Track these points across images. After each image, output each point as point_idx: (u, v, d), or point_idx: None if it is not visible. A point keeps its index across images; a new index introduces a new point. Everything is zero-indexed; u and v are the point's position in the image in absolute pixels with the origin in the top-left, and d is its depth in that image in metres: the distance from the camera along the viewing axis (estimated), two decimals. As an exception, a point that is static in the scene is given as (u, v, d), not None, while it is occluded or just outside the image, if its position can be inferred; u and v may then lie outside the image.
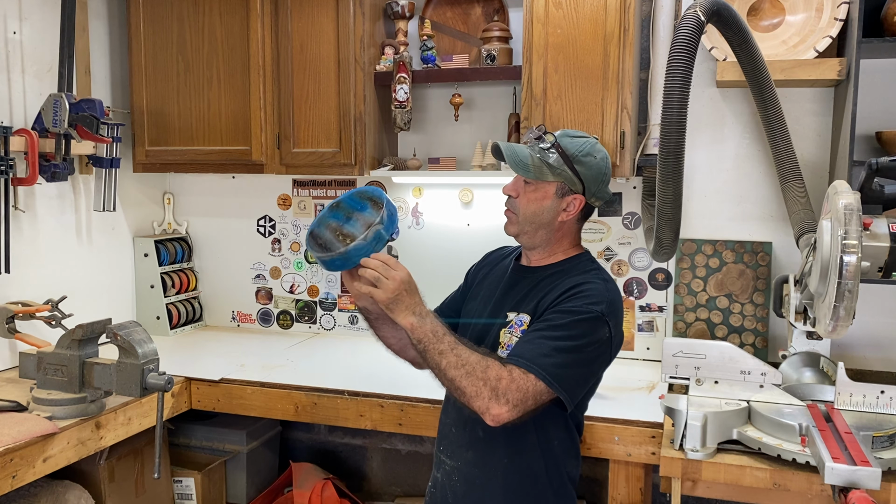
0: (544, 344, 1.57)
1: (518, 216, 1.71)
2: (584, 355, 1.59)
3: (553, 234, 1.73)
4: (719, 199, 2.71)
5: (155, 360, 2.11)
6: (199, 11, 2.89)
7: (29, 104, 2.69)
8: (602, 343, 1.61)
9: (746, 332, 2.65)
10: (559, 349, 1.56)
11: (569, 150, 1.66)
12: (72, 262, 2.90)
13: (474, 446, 1.75)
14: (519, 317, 1.71)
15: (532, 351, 1.57)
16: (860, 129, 2.37)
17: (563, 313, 1.60)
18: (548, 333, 1.59)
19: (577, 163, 1.67)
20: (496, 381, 1.52)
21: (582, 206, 1.70)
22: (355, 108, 2.74)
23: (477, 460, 1.75)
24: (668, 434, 2.01)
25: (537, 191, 1.69)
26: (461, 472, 1.78)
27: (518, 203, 1.71)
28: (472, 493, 1.76)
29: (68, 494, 2.33)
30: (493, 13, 2.85)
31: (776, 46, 2.43)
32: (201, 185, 3.37)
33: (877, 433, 1.78)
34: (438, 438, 1.88)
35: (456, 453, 1.79)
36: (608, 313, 1.61)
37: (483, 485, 1.75)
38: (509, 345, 1.67)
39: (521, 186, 1.71)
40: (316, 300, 3.27)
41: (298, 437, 3.38)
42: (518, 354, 1.57)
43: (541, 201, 1.69)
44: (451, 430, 1.82)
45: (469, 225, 3.01)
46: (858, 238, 1.56)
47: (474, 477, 1.76)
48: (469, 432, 1.75)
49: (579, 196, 1.69)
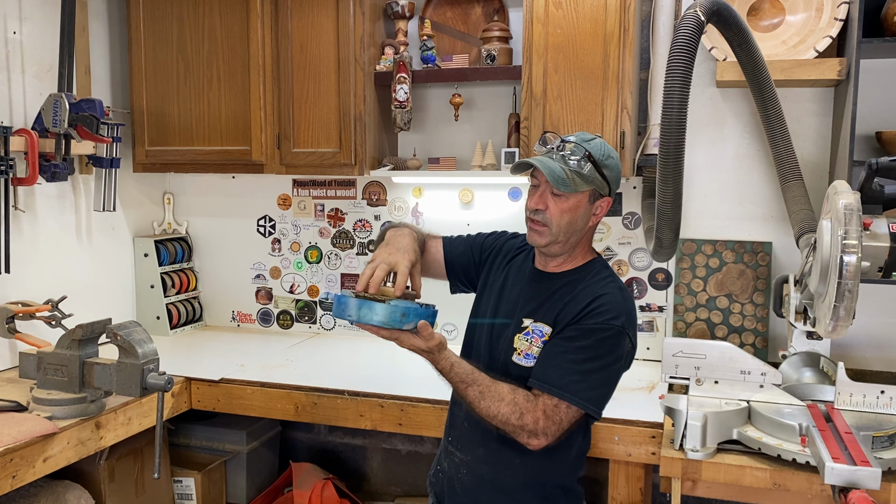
0: (572, 368, 1.63)
1: (551, 228, 1.69)
2: (610, 372, 1.67)
3: (581, 238, 1.75)
4: (719, 199, 2.71)
5: (155, 360, 2.11)
6: (199, 11, 2.89)
7: (29, 104, 2.69)
8: (625, 355, 1.68)
9: (746, 332, 2.65)
10: (587, 371, 1.63)
11: (595, 156, 1.67)
12: (72, 262, 2.90)
13: (486, 444, 1.76)
14: (537, 325, 1.72)
15: (562, 378, 1.63)
16: (860, 129, 2.37)
17: (587, 332, 1.65)
18: (574, 357, 1.64)
19: (604, 167, 1.68)
20: (534, 425, 1.61)
21: (609, 206, 1.74)
22: (355, 108, 2.74)
23: (488, 457, 1.76)
24: (668, 434, 2.01)
25: (569, 200, 1.68)
26: (469, 466, 1.79)
27: (550, 215, 1.68)
28: (480, 487, 1.77)
29: (68, 494, 2.33)
30: (493, 13, 2.85)
31: (776, 46, 2.43)
32: (201, 185, 3.37)
33: (877, 433, 1.78)
34: (448, 428, 1.88)
35: (466, 447, 1.80)
36: (627, 325, 1.67)
37: (492, 481, 1.76)
38: (527, 353, 1.71)
39: (549, 198, 1.68)
40: (316, 300, 3.27)
41: (298, 437, 3.38)
42: (549, 382, 1.63)
43: (575, 210, 1.69)
44: (463, 423, 1.82)
45: (469, 225, 3.01)
46: (858, 238, 1.56)
47: (483, 473, 1.77)
48: (482, 430, 1.74)
49: (607, 198, 1.72)
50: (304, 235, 3.26)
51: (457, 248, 1.96)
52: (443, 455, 1.89)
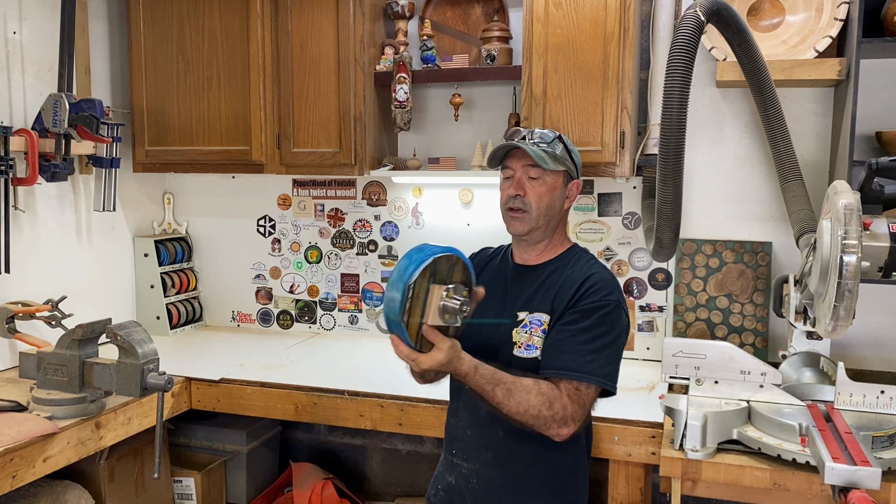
0: (582, 349, 1.65)
1: (531, 212, 1.75)
2: (616, 346, 1.71)
3: (558, 223, 1.82)
4: (719, 199, 2.71)
5: (155, 360, 2.11)
6: (198, 11, 2.89)
7: (29, 104, 2.69)
8: (624, 328, 1.73)
9: (746, 332, 2.65)
10: (597, 349, 1.66)
11: (563, 139, 1.79)
12: (72, 262, 2.90)
13: (494, 446, 1.76)
14: (534, 316, 1.73)
15: (575, 361, 1.65)
16: (860, 129, 2.37)
17: (587, 312, 1.68)
18: (581, 338, 1.66)
19: (571, 151, 1.80)
20: (563, 412, 1.62)
21: (579, 189, 1.82)
22: (355, 108, 2.74)
23: (498, 460, 1.76)
24: (668, 434, 2.01)
25: (546, 183, 1.76)
26: (480, 473, 1.78)
27: (529, 199, 1.75)
28: (492, 493, 1.77)
29: (68, 494, 2.33)
30: (493, 13, 2.85)
31: (776, 46, 2.43)
32: (201, 185, 3.37)
33: (877, 433, 1.78)
34: (449, 441, 1.87)
35: (473, 455, 1.79)
36: (621, 299, 1.73)
37: (504, 485, 1.76)
38: (528, 344, 1.72)
39: (525, 183, 1.75)
40: (316, 300, 3.27)
41: (298, 437, 3.38)
42: (564, 368, 1.65)
43: (552, 192, 1.76)
44: (465, 432, 1.81)
45: (469, 225, 3.01)
46: (858, 238, 1.56)
47: (495, 477, 1.76)
48: (488, 434, 1.75)
49: (577, 181, 1.82)
50: (304, 235, 3.26)
51: None
52: (446, 471, 1.87)
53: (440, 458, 1.94)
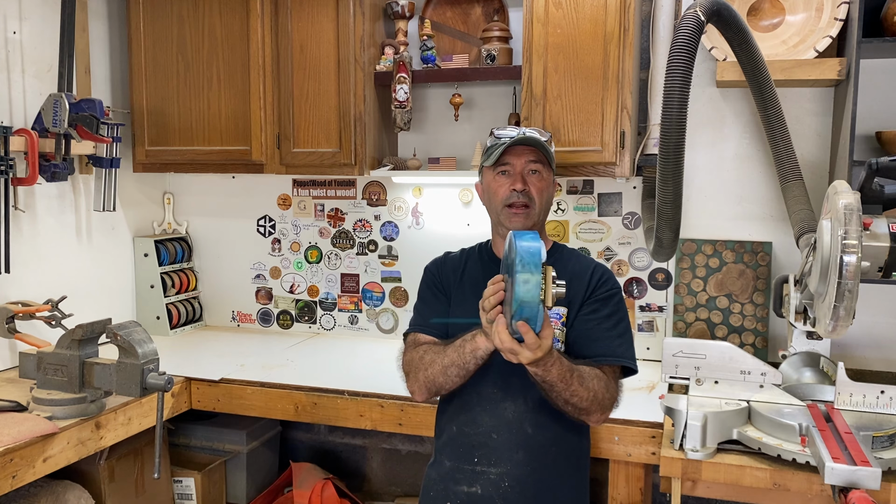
0: (610, 335, 1.78)
1: (534, 207, 1.80)
2: (630, 329, 1.87)
3: (545, 219, 1.91)
4: (719, 199, 2.71)
5: (155, 360, 2.11)
6: (199, 11, 2.89)
7: (29, 104, 2.69)
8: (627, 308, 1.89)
9: (746, 332, 2.65)
10: (620, 333, 1.80)
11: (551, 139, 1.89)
12: (72, 262, 2.90)
13: (525, 445, 1.77)
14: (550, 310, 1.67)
15: (608, 346, 1.77)
16: (860, 129, 2.37)
17: (604, 301, 1.81)
18: (606, 325, 1.79)
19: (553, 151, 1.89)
20: (615, 394, 1.75)
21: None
22: (355, 108, 2.74)
23: (528, 458, 1.77)
24: (668, 434, 2.01)
25: (544, 178, 1.83)
26: (511, 475, 1.77)
27: (533, 193, 1.80)
28: (527, 490, 1.76)
29: (68, 494, 2.33)
30: (493, 13, 2.85)
31: (776, 46, 2.43)
32: (201, 185, 3.37)
33: (877, 433, 1.78)
34: (467, 451, 1.81)
35: (503, 458, 1.77)
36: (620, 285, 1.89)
37: (536, 481, 1.77)
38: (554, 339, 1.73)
39: (527, 177, 1.81)
40: (316, 300, 3.27)
41: (298, 437, 3.38)
42: (602, 354, 1.77)
43: (549, 188, 1.86)
44: (489, 438, 1.79)
45: (469, 225, 3.01)
46: (858, 238, 1.56)
47: (526, 475, 1.77)
48: (517, 433, 1.77)
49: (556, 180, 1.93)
50: (304, 235, 3.26)
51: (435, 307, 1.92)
52: (462, 483, 1.79)
53: (437, 475, 1.86)
